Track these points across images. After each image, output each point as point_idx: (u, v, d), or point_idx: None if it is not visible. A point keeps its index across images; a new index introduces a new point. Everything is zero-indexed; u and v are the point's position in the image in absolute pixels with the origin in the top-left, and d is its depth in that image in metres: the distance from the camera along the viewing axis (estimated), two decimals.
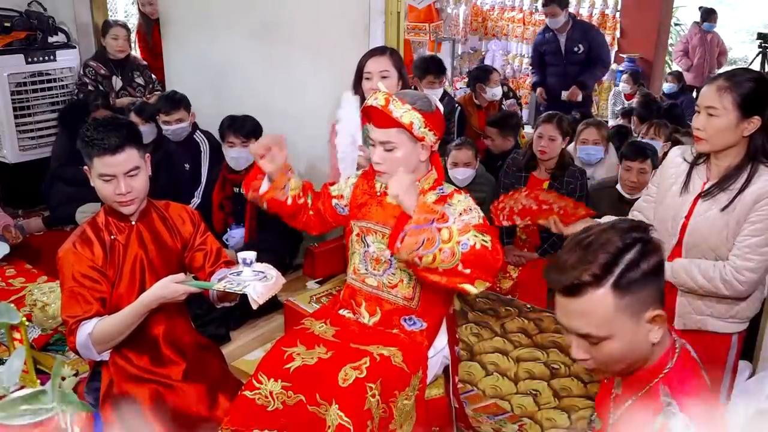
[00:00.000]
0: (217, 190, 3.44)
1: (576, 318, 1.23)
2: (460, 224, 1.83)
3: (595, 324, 1.21)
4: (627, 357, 1.26)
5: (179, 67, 4.09)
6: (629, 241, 1.21)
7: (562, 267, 1.22)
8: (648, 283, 1.21)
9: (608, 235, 1.22)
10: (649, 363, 1.29)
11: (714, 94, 1.95)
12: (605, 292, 1.19)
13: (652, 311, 1.22)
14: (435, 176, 2.04)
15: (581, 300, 1.20)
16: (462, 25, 7.58)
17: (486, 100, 4.65)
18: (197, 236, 2.12)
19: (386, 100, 1.91)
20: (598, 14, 7.31)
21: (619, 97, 6.35)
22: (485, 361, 2.91)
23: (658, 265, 1.23)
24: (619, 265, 1.19)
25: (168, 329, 2.06)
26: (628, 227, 1.24)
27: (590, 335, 1.23)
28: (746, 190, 1.95)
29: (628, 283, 1.19)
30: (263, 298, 1.79)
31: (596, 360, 1.26)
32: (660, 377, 1.27)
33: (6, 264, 3.61)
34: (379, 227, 2.05)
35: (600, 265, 1.19)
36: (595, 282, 1.19)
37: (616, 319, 1.20)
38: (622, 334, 1.22)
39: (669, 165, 2.17)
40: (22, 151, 4.37)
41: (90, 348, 1.88)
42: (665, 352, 1.30)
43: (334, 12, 3.27)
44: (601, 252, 1.20)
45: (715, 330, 2.13)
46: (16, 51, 4.27)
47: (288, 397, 1.90)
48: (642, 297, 1.21)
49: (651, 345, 1.25)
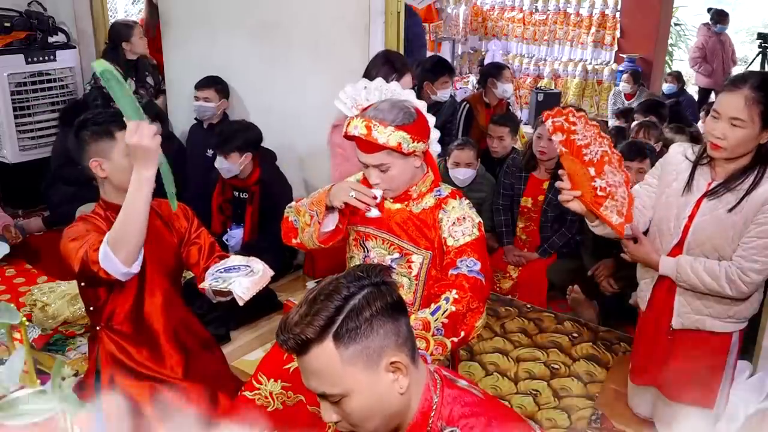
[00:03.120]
0: (216, 193, 3.45)
1: (310, 378, 1.14)
2: (420, 320, 1.80)
3: (327, 382, 1.11)
4: (376, 413, 1.14)
5: (179, 67, 4.09)
6: (354, 289, 1.12)
7: (287, 325, 1.12)
8: (375, 329, 1.11)
9: (336, 284, 1.13)
10: (414, 410, 1.19)
11: (742, 105, 1.88)
12: (328, 346, 1.09)
13: (388, 358, 1.12)
14: (432, 178, 2.03)
15: (308, 358, 1.11)
16: (462, 25, 7.58)
17: (496, 97, 4.64)
18: (192, 230, 2.13)
19: (367, 128, 1.85)
20: (598, 14, 7.31)
21: (619, 97, 6.35)
22: (485, 361, 2.91)
23: (391, 307, 1.13)
24: (341, 315, 1.10)
25: (168, 323, 2.06)
26: (359, 272, 1.15)
27: (327, 394, 1.13)
28: (754, 192, 1.94)
29: (349, 331, 1.09)
30: (249, 294, 1.78)
31: (348, 420, 1.15)
32: (432, 417, 1.18)
33: (6, 264, 3.61)
34: (379, 232, 2.04)
35: (321, 317, 1.10)
36: (317, 337, 1.09)
37: (346, 374, 1.10)
38: (359, 389, 1.11)
39: (670, 161, 2.16)
40: (22, 151, 4.37)
41: (113, 260, 1.76)
42: (425, 389, 1.20)
43: (334, 12, 3.27)
44: (325, 303, 1.11)
45: (713, 329, 2.13)
46: (16, 51, 4.26)
47: (288, 398, 1.90)
48: (372, 345, 1.11)
49: (400, 395, 1.15)
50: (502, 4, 7.94)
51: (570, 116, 1.81)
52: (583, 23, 7.43)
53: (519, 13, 7.80)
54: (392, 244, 2.01)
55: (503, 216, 3.57)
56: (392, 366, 1.13)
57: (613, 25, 7.27)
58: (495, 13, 7.99)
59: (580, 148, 1.82)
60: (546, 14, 7.63)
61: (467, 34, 7.81)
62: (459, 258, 1.92)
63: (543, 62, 7.71)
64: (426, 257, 1.98)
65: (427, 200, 2.00)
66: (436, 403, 1.19)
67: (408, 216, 2.00)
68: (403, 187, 1.98)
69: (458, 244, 1.93)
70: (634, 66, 6.76)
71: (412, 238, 1.98)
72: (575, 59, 7.54)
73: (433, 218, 1.98)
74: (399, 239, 2.00)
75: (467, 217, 1.96)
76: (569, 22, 7.52)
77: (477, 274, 1.90)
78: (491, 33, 8.01)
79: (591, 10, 7.36)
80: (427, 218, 1.98)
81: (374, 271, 1.16)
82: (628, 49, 7.13)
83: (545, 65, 7.68)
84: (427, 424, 1.19)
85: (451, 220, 1.95)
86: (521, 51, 7.83)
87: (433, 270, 1.99)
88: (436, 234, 1.97)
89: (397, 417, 1.18)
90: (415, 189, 2.00)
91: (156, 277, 2.04)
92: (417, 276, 2.00)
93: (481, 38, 8.06)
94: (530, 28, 7.73)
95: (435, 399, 1.20)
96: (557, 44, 7.65)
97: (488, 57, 7.84)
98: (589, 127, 1.82)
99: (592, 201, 1.86)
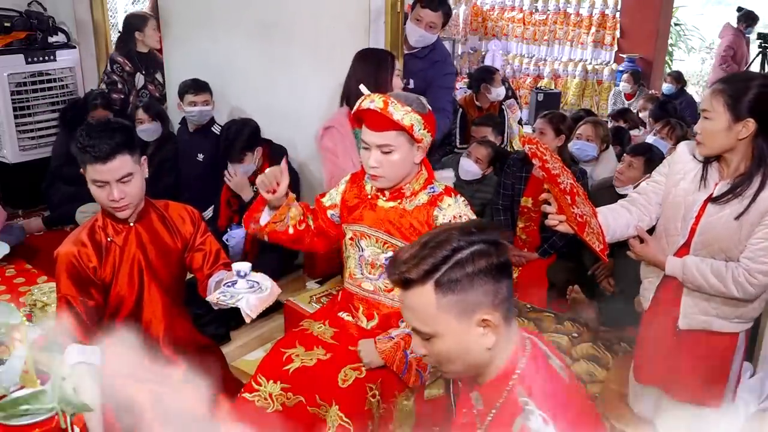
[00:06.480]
0: (225, 187, 3.45)
1: (406, 311, 1.24)
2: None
3: (420, 319, 1.21)
4: (459, 358, 1.23)
5: (179, 66, 4.08)
6: (465, 242, 1.18)
7: (397, 260, 1.22)
8: (475, 285, 1.18)
9: (448, 235, 1.20)
10: (497, 368, 1.26)
11: (708, 97, 1.95)
12: (428, 290, 1.18)
13: (481, 314, 1.19)
14: (425, 176, 2.04)
15: (409, 294, 1.21)
16: (462, 25, 7.59)
17: (489, 100, 4.65)
18: (197, 236, 2.12)
19: (385, 103, 1.89)
20: (598, 14, 7.32)
21: (619, 97, 6.35)
22: None
23: (496, 267, 1.19)
24: (446, 264, 1.17)
25: (168, 330, 2.06)
26: (472, 228, 1.22)
27: (417, 330, 1.23)
28: (760, 195, 1.94)
29: (450, 282, 1.17)
30: (256, 311, 1.79)
31: (432, 357, 1.26)
32: (514, 379, 1.24)
33: (6, 264, 3.61)
34: (373, 231, 2.04)
35: (428, 263, 1.18)
36: (420, 279, 1.18)
37: (439, 318, 1.19)
38: (448, 334, 1.20)
39: (677, 160, 2.15)
40: (22, 151, 4.37)
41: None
42: (513, 353, 1.26)
43: (334, 12, 3.27)
44: (434, 251, 1.18)
45: (721, 330, 2.12)
46: (16, 51, 4.26)
47: (287, 399, 1.90)
48: (468, 298, 1.18)
49: (485, 349, 1.22)
50: (502, 4, 7.95)
51: (540, 146, 1.84)
52: (583, 23, 7.43)
53: (519, 13, 7.81)
54: (386, 243, 2.01)
55: (503, 216, 3.57)
56: (483, 322, 1.20)
57: (613, 25, 7.28)
58: (495, 13, 7.99)
59: (556, 176, 1.85)
60: (546, 14, 7.64)
61: (467, 34, 7.81)
62: None
63: (543, 62, 7.72)
64: None
65: (420, 197, 2.00)
66: (520, 368, 1.24)
67: (401, 214, 2.00)
68: (397, 179, 1.98)
69: None
70: (634, 66, 6.76)
71: (405, 236, 1.99)
72: (575, 59, 7.55)
73: (427, 215, 1.98)
74: (393, 237, 2.00)
75: (463, 215, 1.97)
76: (569, 22, 7.52)
77: None
78: (491, 33, 8.01)
79: (591, 10, 7.36)
80: (420, 215, 1.99)
81: (489, 229, 1.22)
82: (628, 49, 7.14)
83: (545, 65, 7.69)
84: (507, 385, 1.24)
85: (447, 218, 1.96)
86: (521, 51, 7.84)
87: None
88: None
89: (479, 368, 1.26)
90: (408, 186, 2.00)
91: (154, 286, 2.04)
92: None
93: (481, 38, 8.07)
94: (530, 28, 7.73)
95: (520, 365, 1.25)
96: (557, 44, 7.65)
97: (488, 57, 7.85)
98: (555, 159, 1.86)
99: (576, 225, 1.89)
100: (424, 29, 3.35)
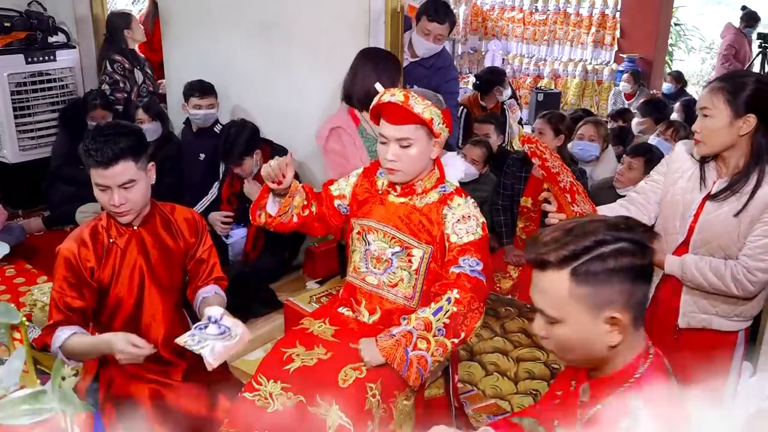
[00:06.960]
0: (226, 185, 3.46)
1: (536, 292, 1.25)
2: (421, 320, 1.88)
3: (549, 303, 1.22)
4: (579, 349, 1.23)
5: (179, 66, 4.09)
6: (611, 237, 1.17)
7: (538, 240, 1.22)
8: (612, 282, 1.17)
9: (595, 226, 1.19)
10: (616, 367, 1.25)
11: (707, 94, 1.96)
12: (563, 276, 1.18)
13: (611, 312, 1.18)
14: (437, 175, 2.05)
15: (543, 276, 1.22)
16: (462, 25, 7.59)
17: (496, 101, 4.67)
18: (199, 246, 2.12)
19: (405, 96, 1.91)
20: (598, 14, 7.32)
21: (619, 97, 6.35)
22: (485, 361, 2.91)
23: (636, 269, 1.18)
24: (587, 255, 1.17)
25: (168, 333, 2.05)
26: (620, 224, 1.20)
27: (544, 312, 1.23)
28: (758, 192, 1.94)
29: (588, 273, 1.16)
30: (219, 360, 1.76)
31: (551, 341, 1.26)
32: (630, 382, 1.24)
33: (6, 264, 3.61)
34: (381, 226, 2.04)
35: (569, 249, 1.17)
36: (557, 263, 1.18)
37: (569, 306, 1.19)
38: (574, 323, 1.20)
39: (675, 159, 2.15)
40: (22, 151, 4.37)
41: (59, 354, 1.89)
42: (636, 358, 1.25)
43: (334, 12, 3.27)
44: (578, 239, 1.18)
45: (720, 328, 2.12)
46: (16, 51, 4.26)
47: (288, 399, 1.89)
48: (602, 293, 1.17)
49: (608, 347, 1.21)
50: (502, 4, 7.95)
51: (539, 145, 1.86)
52: (583, 23, 7.43)
53: (519, 13, 7.81)
54: (393, 238, 2.01)
55: (503, 216, 3.57)
56: (612, 320, 1.19)
57: (613, 25, 7.28)
58: (495, 13, 7.99)
59: (556, 174, 1.87)
60: (546, 14, 7.64)
61: (467, 34, 7.81)
62: (461, 256, 1.93)
63: (543, 62, 7.72)
64: (426, 251, 1.99)
65: (431, 195, 2.01)
66: (639, 373, 1.24)
67: (411, 210, 2.01)
68: (414, 173, 1.99)
69: (462, 242, 1.95)
70: (634, 66, 6.76)
71: (414, 232, 1.99)
72: (575, 59, 7.54)
73: (437, 213, 1.99)
74: (400, 233, 2.01)
75: (472, 215, 1.98)
76: (569, 22, 7.52)
77: (479, 274, 1.92)
78: (491, 33, 8.01)
79: (591, 10, 7.36)
80: (430, 213, 2.00)
81: (638, 229, 1.20)
82: (628, 49, 7.14)
83: (545, 65, 7.69)
84: (621, 386, 1.24)
85: (456, 217, 1.96)
86: (521, 51, 7.84)
87: (432, 264, 2.00)
88: (439, 230, 1.98)
89: (596, 362, 1.26)
90: (420, 184, 2.01)
91: (155, 289, 2.04)
92: (417, 270, 2.01)
93: (481, 38, 8.07)
94: (530, 28, 7.73)
95: (640, 370, 1.24)
96: (557, 44, 7.65)
97: (488, 57, 7.85)
98: (554, 158, 1.88)
99: None
100: (432, 41, 3.38)
